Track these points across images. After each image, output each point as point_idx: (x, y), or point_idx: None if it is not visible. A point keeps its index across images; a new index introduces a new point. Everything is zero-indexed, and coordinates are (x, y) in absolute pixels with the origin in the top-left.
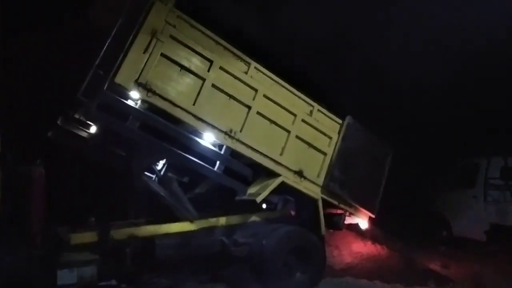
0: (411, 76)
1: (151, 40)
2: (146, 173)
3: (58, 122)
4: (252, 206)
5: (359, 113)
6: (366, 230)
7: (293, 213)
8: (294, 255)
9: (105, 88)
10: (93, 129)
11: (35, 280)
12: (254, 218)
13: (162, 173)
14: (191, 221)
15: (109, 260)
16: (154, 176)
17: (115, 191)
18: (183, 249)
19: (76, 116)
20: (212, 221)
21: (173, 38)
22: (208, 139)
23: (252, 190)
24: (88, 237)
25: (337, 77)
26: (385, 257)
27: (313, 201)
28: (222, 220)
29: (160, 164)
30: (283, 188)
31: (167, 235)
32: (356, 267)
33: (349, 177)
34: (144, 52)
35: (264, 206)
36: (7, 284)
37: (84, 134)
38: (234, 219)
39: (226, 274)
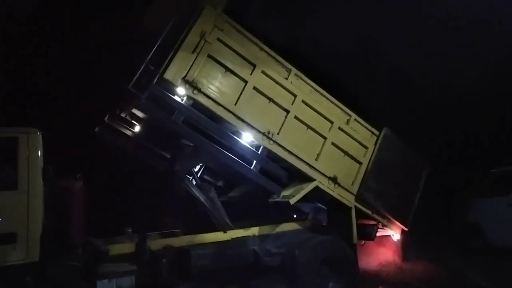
0: (445, 84)
1: (199, 41)
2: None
3: (105, 119)
4: (284, 215)
5: (393, 123)
6: (400, 241)
7: (324, 223)
8: (327, 265)
9: (154, 82)
10: (137, 128)
11: None
12: (286, 227)
13: (199, 175)
14: (225, 231)
15: (146, 271)
16: (191, 178)
17: (151, 200)
18: (217, 259)
19: (123, 115)
20: (245, 231)
21: (220, 41)
22: (246, 139)
23: (286, 192)
24: (126, 248)
25: (372, 87)
26: (419, 268)
27: (347, 209)
28: (255, 230)
29: (197, 167)
30: (317, 196)
31: (202, 245)
32: (389, 277)
33: (383, 188)
34: (192, 52)
35: (295, 216)
36: None
37: (128, 133)
38: (267, 229)
39: (259, 285)
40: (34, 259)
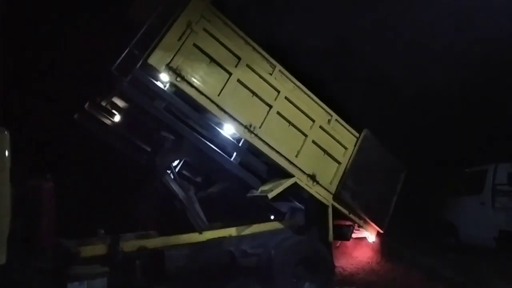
0: (417, 84)
1: (185, 30)
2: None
3: (85, 107)
4: (262, 211)
5: (370, 124)
6: (376, 242)
7: (301, 223)
8: (303, 265)
9: (138, 66)
10: (117, 118)
11: None
12: (263, 228)
13: (177, 171)
14: (200, 232)
15: (119, 272)
16: (170, 173)
17: (126, 200)
18: (192, 260)
19: (103, 103)
20: (221, 232)
21: (206, 31)
22: (228, 131)
23: (264, 187)
24: (98, 249)
25: (348, 86)
26: (394, 267)
27: (324, 207)
28: (231, 231)
29: (176, 162)
30: (294, 194)
31: (176, 246)
32: (364, 277)
33: (361, 188)
34: (178, 40)
35: (272, 216)
36: None
37: (108, 122)
38: (243, 230)
39: (235, 286)
40: (1, 262)
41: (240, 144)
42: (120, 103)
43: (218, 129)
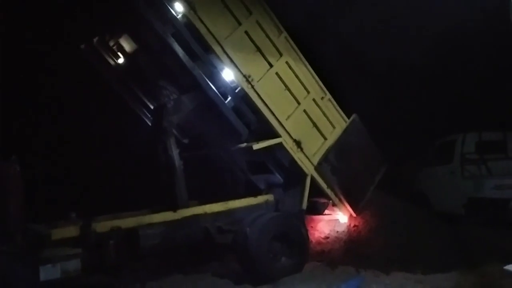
0: (387, 57)
1: None
2: None
3: (94, 41)
4: (237, 190)
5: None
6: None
7: (277, 198)
8: (278, 241)
9: None
10: (121, 60)
11: (17, 278)
12: (238, 204)
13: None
14: (175, 210)
15: (92, 253)
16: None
17: (96, 182)
18: (168, 239)
19: (111, 43)
20: (196, 209)
21: None
22: (226, 76)
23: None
24: (69, 231)
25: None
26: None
27: (303, 176)
28: (206, 208)
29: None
30: (276, 160)
31: (151, 225)
32: (338, 247)
33: (342, 166)
34: None
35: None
36: None
37: (112, 62)
38: (218, 207)
39: (212, 263)
40: None
41: (236, 91)
42: (126, 46)
43: (218, 70)
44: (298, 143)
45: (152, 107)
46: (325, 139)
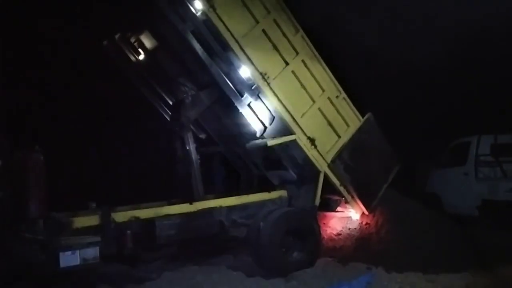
0: (404, 57)
1: None
2: None
3: (116, 38)
4: (251, 185)
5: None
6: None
7: (291, 194)
8: (291, 236)
9: None
10: (141, 56)
11: (38, 264)
12: (253, 198)
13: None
14: (191, 202)
15: (111, 242)
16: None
17: (116, 175)
18: (183, 230)
19: (132, 39)
20: (211, 202)
21: None
22: (243, 74)
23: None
24: (89, 220)
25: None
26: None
27: (316, 173)
28: (222, 201)
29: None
30: (290, 157)
31: (167, 217)
32: (350, 245)
33: (355, 164)
34: None
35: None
36: (11, 269)
37: (132, 58)
38: (233, 200)
39: (225, 256)
40: None
41: (252, 88)
42: (147, 42)
43: (235, 67)
44: (312, 141)
45: (170, 102)
46: (339, 137)
